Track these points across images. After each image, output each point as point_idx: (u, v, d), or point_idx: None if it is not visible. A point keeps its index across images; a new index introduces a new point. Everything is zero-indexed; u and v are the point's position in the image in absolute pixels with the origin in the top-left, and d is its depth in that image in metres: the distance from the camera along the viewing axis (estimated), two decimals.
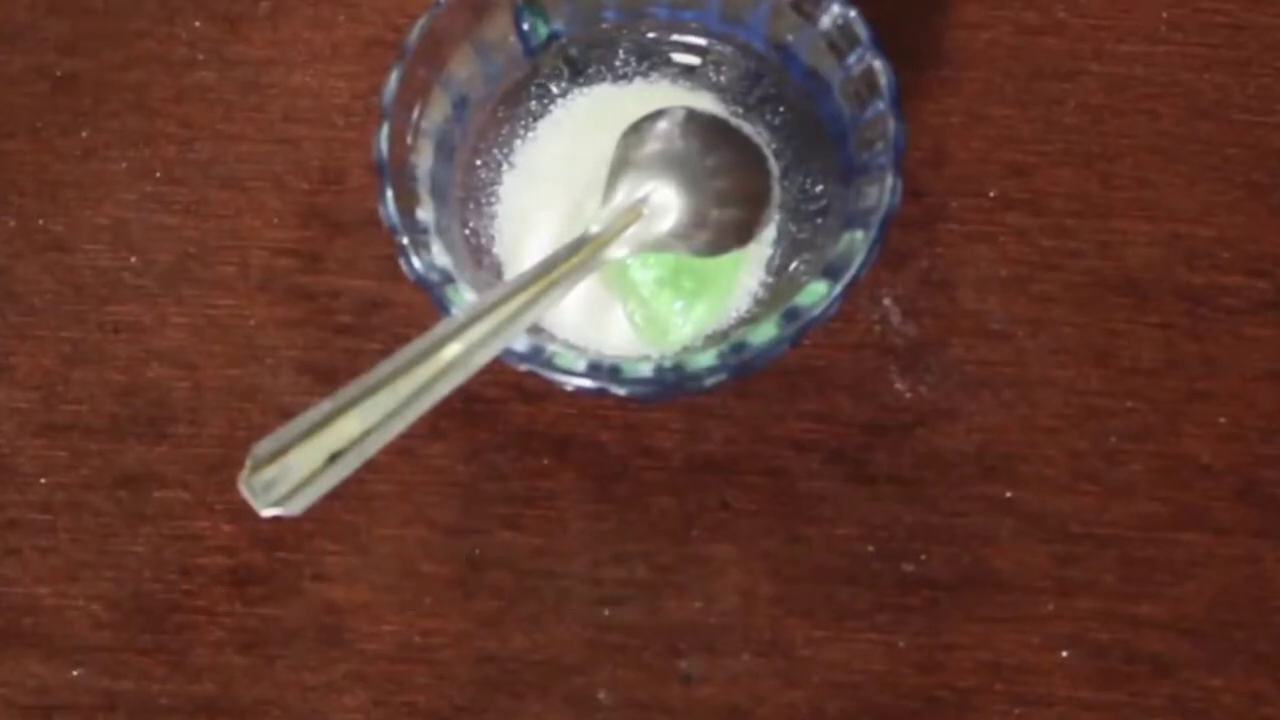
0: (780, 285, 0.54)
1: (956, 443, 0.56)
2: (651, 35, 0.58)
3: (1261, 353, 0.57)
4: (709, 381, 0.50)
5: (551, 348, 0.49)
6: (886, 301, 0.57)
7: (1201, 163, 0.59)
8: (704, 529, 0.55)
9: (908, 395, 0.56)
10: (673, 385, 0.49)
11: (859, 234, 0.50)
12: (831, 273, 0.50)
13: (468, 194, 0.56)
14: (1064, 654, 0.54)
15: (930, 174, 0.59)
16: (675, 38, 0.57)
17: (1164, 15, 0.61)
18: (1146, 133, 0.59)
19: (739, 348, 0.49)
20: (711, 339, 0.53)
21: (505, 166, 0.56)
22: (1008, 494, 0.55)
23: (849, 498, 0.55)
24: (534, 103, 0.57)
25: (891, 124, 0.51)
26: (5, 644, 0.55)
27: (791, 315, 0.49)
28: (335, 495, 0.55)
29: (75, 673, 0.54)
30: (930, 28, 0.61)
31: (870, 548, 0.55)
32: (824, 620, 0.54)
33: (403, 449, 0.56)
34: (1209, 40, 0.60)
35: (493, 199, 0.56)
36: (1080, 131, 0.59)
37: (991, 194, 0.59)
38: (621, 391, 0.50)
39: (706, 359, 0.49)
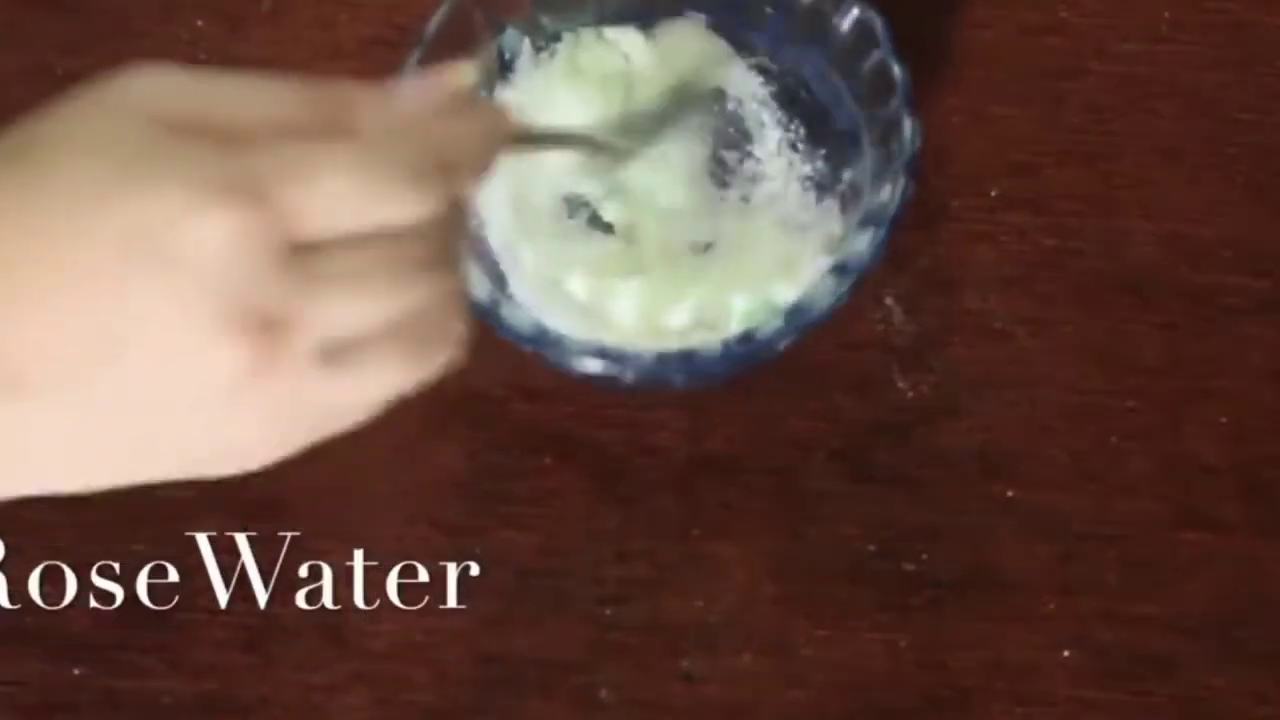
0: None
1: (958, 442, 0.56)
2: None
3: (1263, 352, 0.57)
4: (713, 370, 0.50)
5: (559, 330, 0.50)
6: (888, 301, 0.57)
7: (1203, 162, 0.59)
8: (705, 528, 0.55)
9: (909, 394, 0.56)
10: (678, 371, 0.49)
11: (868, 230, 0.50)
12: (839, 268, 0.50)
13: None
14: (1066, 653, 0.54)
15: (932, 173, 0.58)
16: None
17: (1166, 15, 0.61)
18: (1148, 132, 0.59)
19: (744, 339, 0.49)
20: None
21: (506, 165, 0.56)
22: (1009, 493, 0.55)
23: (851, 497, 0.55)
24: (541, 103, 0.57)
25: (906, 123, 0.51)
26: (6, 642, 0.54)
27: (798, 310, 0.49)
28: (336, 494, 0.55)
29: (76, 671, 0.54)
30: (932, 27, 0.60)
31: (872, 547, 0.55)
32: (826, 619, 0.54)
33: (404, 448, 0.56)
34: (1211, 39, 0.60)
35: (494, 198, 0.56)
36: (1082, 131, 0.59)
37: (993, 193, 0.58)
38: (628, 376, 0.50)
39: (710, 349, 0.49)
